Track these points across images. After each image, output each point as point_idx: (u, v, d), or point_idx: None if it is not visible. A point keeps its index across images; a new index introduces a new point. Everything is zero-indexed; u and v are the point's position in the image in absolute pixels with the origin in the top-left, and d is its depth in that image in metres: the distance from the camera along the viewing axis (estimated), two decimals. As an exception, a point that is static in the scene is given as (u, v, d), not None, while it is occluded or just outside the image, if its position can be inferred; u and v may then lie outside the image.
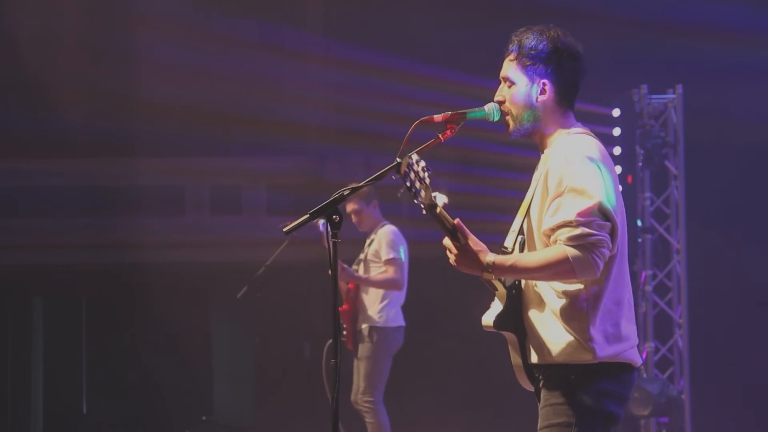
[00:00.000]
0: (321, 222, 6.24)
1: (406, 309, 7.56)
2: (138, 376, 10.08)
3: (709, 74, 8.95)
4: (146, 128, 9.89)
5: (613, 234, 3.37)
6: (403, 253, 7.41)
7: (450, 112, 3.55)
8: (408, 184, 3.31)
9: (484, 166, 9.57)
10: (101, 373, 10.14)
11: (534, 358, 3.51)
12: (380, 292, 7.39)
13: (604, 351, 3.40)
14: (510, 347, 3.59)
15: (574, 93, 3.61)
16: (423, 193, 3.31)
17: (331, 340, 7.50)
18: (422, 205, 3.32)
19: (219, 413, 10.27)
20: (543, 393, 3.50)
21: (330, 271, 3.49)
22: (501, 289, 3.52)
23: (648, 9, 9.29)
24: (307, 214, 3.47)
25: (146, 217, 10.21)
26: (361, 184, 3.55)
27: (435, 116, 3.54)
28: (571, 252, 3.30)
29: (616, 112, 9.42)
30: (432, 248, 9.30)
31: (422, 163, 3.32)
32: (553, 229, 3.37)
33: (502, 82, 3.63)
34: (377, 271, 7.42)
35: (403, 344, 7.52)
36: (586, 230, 3.30)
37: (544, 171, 3.47)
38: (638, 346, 3.55)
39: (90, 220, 10.15)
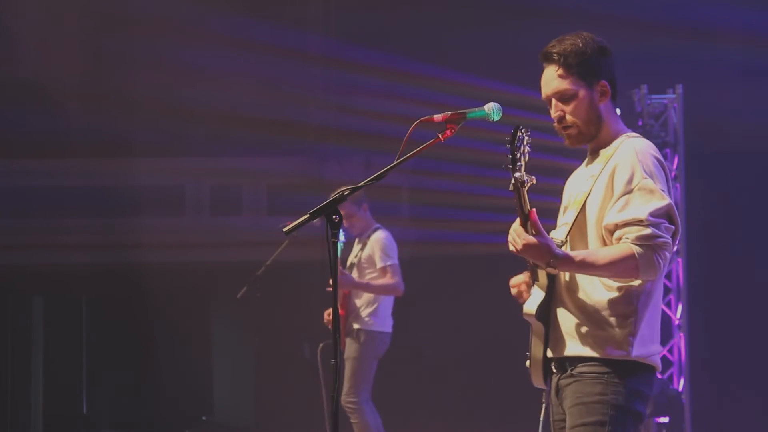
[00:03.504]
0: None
1: (402, 309, 7.55)
2: (138, 376, 10.08)
3: (709, 74, 8.95)
4: (146, 128, 9.89)
5: (674, 238, 3.41)
6: (397, 258, 7.42)
7: (450, 112, 3.55)
8: (516, 155, 3.31)
9: (483, 166, 9.57)
10: (101, 373, 10.13)
11: (563, 351, 3.50)
12: (371, 295, 7.39)
13: (640, 350, 3.43)
14: (534, 338, 3.56)
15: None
16: (522, 168, 3.32)
17: (322, 344, 7.55)
18: (514, 179, 3.33)
19: (219, 413, 10.26)
20: (572, 389, 3.48)
21: (330, 273, 3.49)
22: (543, 280, 3.51)
23: (647, 9, 9.29)
24: (307, 214, 3.47)
25: (146, 217, 10.21)
26: (360, 184, 3.54)
27: (435, 116, 3.54)
28: (638, 251, 3.33)
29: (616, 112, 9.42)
30: (432, 249, 9.33)
31: (528, 140, 3.34)
32: (619, 225, 3.39)
33: (554, 101, 3.57)
34: (371, 277, 7.41)
35: (400, 345, 7.51)
36: (656, 231, 3.34)
37: (611, 167, 3.47)
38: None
39: (90, 220, 10.15)
